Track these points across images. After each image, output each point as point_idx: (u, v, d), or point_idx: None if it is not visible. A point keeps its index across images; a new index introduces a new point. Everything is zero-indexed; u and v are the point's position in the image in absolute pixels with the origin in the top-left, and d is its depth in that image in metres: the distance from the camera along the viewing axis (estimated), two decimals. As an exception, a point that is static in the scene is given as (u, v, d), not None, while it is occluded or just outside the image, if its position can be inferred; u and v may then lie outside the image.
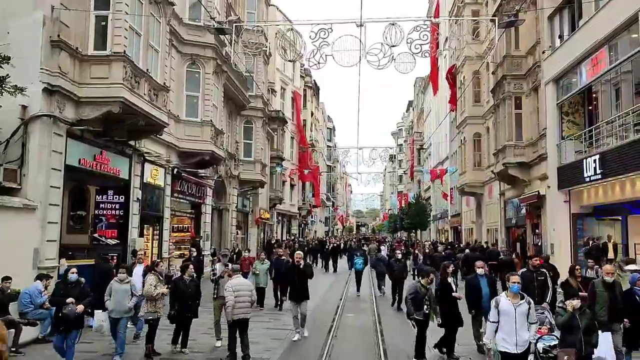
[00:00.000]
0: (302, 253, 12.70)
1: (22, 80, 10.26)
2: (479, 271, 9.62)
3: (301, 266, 11.65)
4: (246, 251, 22.79)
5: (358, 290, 18.95)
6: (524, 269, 10.41)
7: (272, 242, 36.41)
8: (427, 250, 24.10)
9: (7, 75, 9.85)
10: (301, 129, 47.27)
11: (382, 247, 27.47)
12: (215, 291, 10.57)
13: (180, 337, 9.70)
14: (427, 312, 9.17)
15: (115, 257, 14.49)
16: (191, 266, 10.27)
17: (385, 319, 13.45)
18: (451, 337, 9.45)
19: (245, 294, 9.16)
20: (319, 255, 31.42)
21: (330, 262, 29.09)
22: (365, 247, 32.12)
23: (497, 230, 29.36)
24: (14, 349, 9.24)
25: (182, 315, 9.52)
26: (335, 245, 32.52)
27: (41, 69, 11.42)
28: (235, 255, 21.07)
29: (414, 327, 9.51)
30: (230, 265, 11.27)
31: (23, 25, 11.45)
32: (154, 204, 17.98)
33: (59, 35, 11.78)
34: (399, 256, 17.29)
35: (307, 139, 48.85)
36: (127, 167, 15.62)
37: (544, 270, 10.33)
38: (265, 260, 15.26)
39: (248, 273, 15.45)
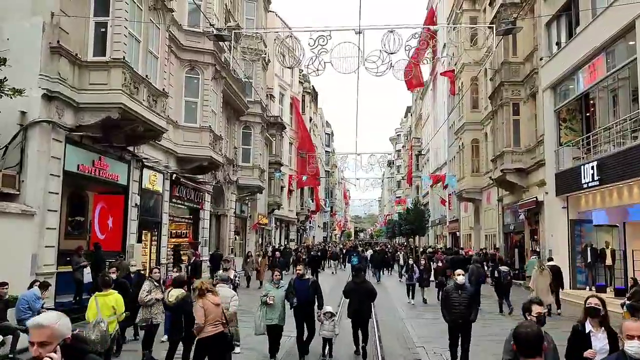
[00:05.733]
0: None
1: (21, 86, 10.29)
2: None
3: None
4: (172, 269, 14.05)
5: None
6: None
7: (288, 248, 35.42)
8: (423, 261, 19.15)
9: (5, 78, 9.87)
10: (302, 134, 46.75)
11: (367, 251, 33.97)
12: None
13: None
14: None
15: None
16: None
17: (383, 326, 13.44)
18: None
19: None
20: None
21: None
22: (359, 248, 38.99)
23: (495, 236, 29.37)
24: (11, 356, 9.22)
25: None
26: (314, 254, 29.12)
27: (40, 75, 11.46)
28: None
29: None
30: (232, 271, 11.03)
31: (22, 31, 11.49)
32: (152, 210, 17.97)
33: (58, 42, 11.82)
34: (461, 280, 8.96)
35: (312, 142, 48.28)
36: (126, 172, 15.63)
37: None
38: (281, 281, 9.56)
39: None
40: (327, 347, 9.62)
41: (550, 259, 17.22)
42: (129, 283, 10.45)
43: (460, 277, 9.05)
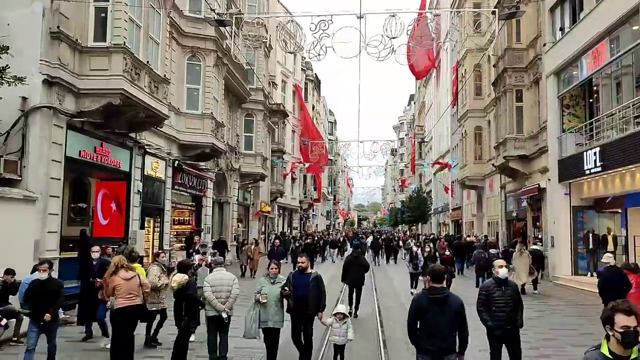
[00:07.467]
0: None
1: (22, 72, 10.28)
2: None
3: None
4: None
5: None
6: None
7: (289, 234, 35.26)
8: (428, 249, 17.45)
9: (7, 65, 9.87)
10: (306, 121, 46.00)
11: (369, 238, 36.42)
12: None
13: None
14: None
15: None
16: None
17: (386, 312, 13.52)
18: None
19: (223, 289, 7.87)
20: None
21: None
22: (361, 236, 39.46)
23: (497, 223, 29.37)
24: (15, 339, 9.32)
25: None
26: (309, 242, 27.59)
27: (41, 60, 11.42)
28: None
29: None
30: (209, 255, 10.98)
31: (22, 17, 11.44)
32: (154, 197, 18.03)
33: (58, 27, 11.77)
34: (503, 274, 6.80)
35: (317, 128, 47.76)
36: (128, 159, 15.64)
37: None
38: (279, 276, 7.92)
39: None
40: (339, 356, 7.60)
41: (535, 244, 19.36)
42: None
43: (502, 269, 6.81)
